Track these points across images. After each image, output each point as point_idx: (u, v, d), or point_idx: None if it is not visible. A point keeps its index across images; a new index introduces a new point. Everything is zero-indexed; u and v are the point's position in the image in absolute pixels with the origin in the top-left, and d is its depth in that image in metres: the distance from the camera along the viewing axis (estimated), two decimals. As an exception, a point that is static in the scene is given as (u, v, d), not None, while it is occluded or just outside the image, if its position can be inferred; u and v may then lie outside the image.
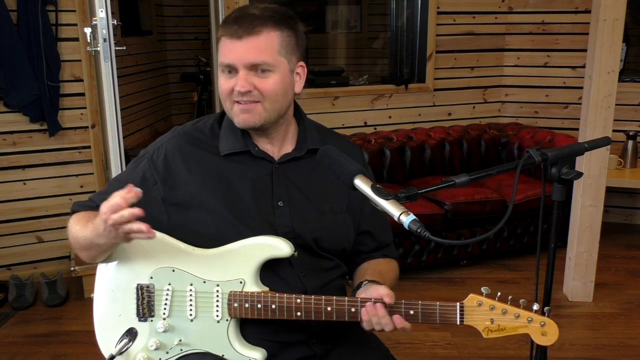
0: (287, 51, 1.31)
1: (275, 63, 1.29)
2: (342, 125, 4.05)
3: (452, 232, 3.46)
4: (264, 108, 1.31)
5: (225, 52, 1.28)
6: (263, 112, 1.31)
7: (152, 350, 1.36)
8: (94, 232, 1.24)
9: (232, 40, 1.26)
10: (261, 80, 1.28)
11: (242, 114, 1.31)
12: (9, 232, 3.31)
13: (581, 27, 4.00)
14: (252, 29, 1.25)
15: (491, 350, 2.68)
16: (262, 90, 1.29)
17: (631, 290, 3.29)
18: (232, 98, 1.31)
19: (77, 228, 1.33)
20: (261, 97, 1.29)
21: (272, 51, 1.28)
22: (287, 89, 1.33)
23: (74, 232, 1.33)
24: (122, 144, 3.16)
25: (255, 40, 1.26)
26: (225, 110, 1.36)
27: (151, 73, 6.67)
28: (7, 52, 3.03)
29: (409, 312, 1.25)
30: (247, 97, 1.29)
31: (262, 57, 1.27)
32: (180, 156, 1.38)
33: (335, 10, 6.17)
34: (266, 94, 1.29)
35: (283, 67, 1.31)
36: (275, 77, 1.29)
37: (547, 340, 1.20)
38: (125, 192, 1.15)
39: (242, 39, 1.25)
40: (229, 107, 1.33)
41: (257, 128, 1.34)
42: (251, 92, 1.28)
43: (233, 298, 1.32)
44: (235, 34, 1.26)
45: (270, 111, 1.32)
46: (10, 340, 2.82)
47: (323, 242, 1.40)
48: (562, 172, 1.17)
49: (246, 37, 1.25)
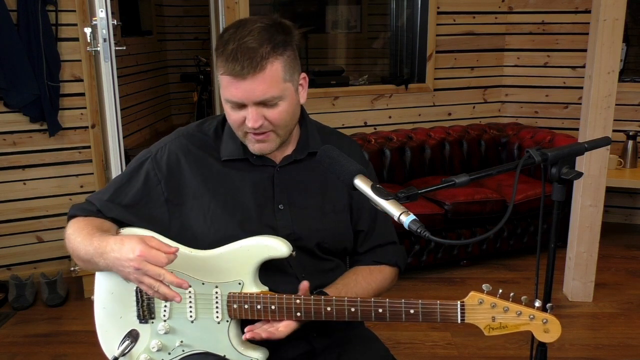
0: (291, 73, 1.28)
1: (282, 93, 1.26)
2: (342, 125, 4.04)
3: (452, 232, 3.46)
4: (277, 135, 1.31)
5: (230, 89, 1.24)
6: (277, 138, 1.31)
7: (155, 351, 1.36)
8: (98, 250, 1.24)
9: (237, 80, 1.22)
10: (271, 110, 1.26)
11: (258, 143, 1.31)
12: (9, 232, 3.31)
13: (581, 27, 4.00)
14: (256, 66, 1.20)
15: (491, 350, 2.68)
16: (273, 121, 1.27)
17: (631, 290, 3.29)
18: (245, 129, 1.30)
19: (78, 240, 1.31)
20: (273, 127, 1.29)
21: (279, 82, 1.24)
22: (295, 109, 1.33)
23: (75, 243, 1.32)
24: (122, 144, 3.16)
25: (260, 77, 1.21)
26: (237, 135, 1.35)
27: (151, 73, 6.68)
28: (7, 52, 3.03)
29: (409, 311, 1.25)
30: (260, 129, 1.28)
31: (270, 93, 1.23)
32: (184, 157, 1.38)
33: (335, 10, 6.17)
34: (277, 123, 1.28)
35: (290, 91, 1.28)
36: (284, 105, 1.27)
37: (549, 337, 1.19)
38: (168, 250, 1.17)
39: (246, 79, 1.21)
40: (241, 136, 1.32)
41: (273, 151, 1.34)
42: (262, 125, 1.27)
43: (232, 299, 1.32)
44: (239, 74, 1.20)
45: (283, 135, 1.32)
46: (10, 340, 2.82)
47: (325, 243, 1.40)
48: (562, 172, 1.17)
49: (251, 76, 1.21)
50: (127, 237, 1.21)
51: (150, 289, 1.18)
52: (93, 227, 1.31)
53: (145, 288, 1.18)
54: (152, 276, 1.16)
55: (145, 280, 1.17)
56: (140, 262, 1.15)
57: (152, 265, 1.15)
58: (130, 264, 1.16)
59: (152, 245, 1.18)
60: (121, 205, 1.38)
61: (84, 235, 1.29)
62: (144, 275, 1.16)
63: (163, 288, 1.16)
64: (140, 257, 1.15)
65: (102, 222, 1.36)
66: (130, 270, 1.17)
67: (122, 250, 1.19)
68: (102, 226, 1.34)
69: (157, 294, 1.18)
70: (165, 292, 1.17)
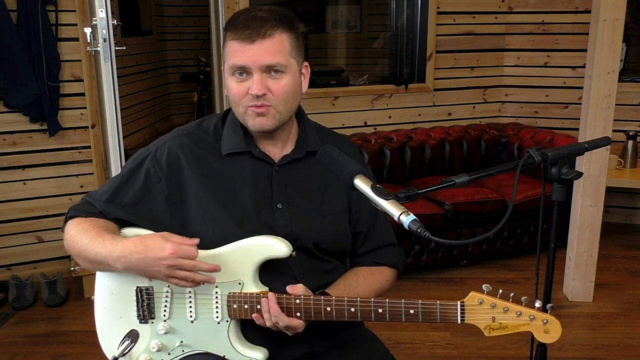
0: (296, 52, 1.32)
1: (287, 64, 1.29)
2: (342, 125, 4.04)
3: (452, 232, 3.46)
4: (277, 110, 1.31)
5: (237, 54, 1.27)
6: (277, 115, 1.31)
7: (154, 351, 1.36)
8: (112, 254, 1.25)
9: (245, 44, 1.26)
10: (275, 81, 1.29)
11: (258, 117, 1.31)
12: (9, 232, 3.31)
13: (581, 27, 4.00)
14: (265, 32, 1.26)
15: (491, 350, 2.68)
16: (276, 92, 1.29)
17: (631, 290, 3.29)
18: (246, 102, 1.30)
19: (85, 242, 1.30)
20: (274, 100, 1.30)
21: (285, 52, 1.29)
22: (297, 90, 1.34)
23: (82, 245, 1.30)
24: (122, 144, 3.16)
25: (268, 42, 1.26)
26: (237, 115, 1.35)
27: (151, 73, 6.67)
28: (7, 52, 3.03)
29: (409, 312, 1.25)
30: (262, 100, 1.29)
31: (277, 59, 1.27)
32: (183, 155, 1.38)
33: (335, 10, 6.17)
34: (279, 95, 1.30)
35: (294, 67, 1.32)
36: (288, 78, 1.30)
37: (549, 338, 1.19)
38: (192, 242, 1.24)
39: (255, 42, 1.26)
40: (242, 112, 1.32)
41: (272, 130, 1.34)
42: (265, 95, 1.28)
43: (232, 299, 1.32)
44: (248, 37, 1.25)
45: (283, 113, 1.32)
46: (10, 340, 2.82)
47: (323, 244, 1.40)
48: (562, 172, 1.17)
49: (259, 40, 1.26)
50: (147, 238, 1.25)
51: (184, 281, 1.23)
52: (100, 229, 1.31)
53: (177, 282, 1.24)
54: (187, 269, 1.22)
55: (179, 274, 1.22)
56: (174, 259, 1.20)
57: (186, 259, 1.22)
58: (163, 262, 1.21)
59: (175, 240, 1.23)
60: (122, 205, 1.37)
61: (92, 237, 1.29)
62: (178, 270, 1.22)
63: (198, 277, 1.24)
64: (173, 254, 1.20)
65: (106, 223, 1.36)
66: (161, 268, 1.22)
67: (147, 251, 1.22)
68: (108, 227, 1.34)
69: (191, 283, 1.24)
70: (201, 279, 1.24)
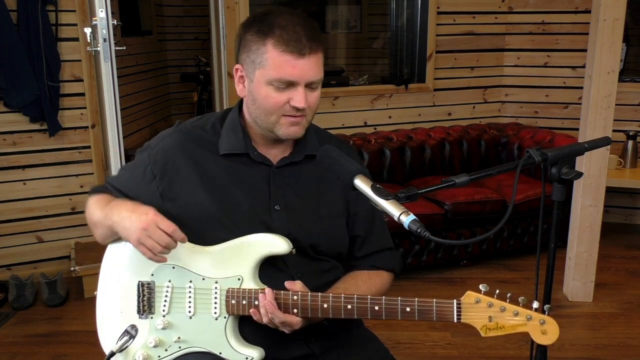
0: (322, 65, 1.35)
1: (322, 78, 1.33)
2: (342, 125, 4.05)
3: (452, 232, 3.46)
4: (307, 120, 1.35)
5: (286, 67, 1.26)
6: (306, 124, 1.36)
7: (152, 347, 1.36)
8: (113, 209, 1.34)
9: (295, 58, 1.26)
10: (311, 94, 1.31)
11: (293, 126, 1.32)
12: (9, 232, 3.31)
13: (581, 27, 4.00)
14: (316, 47, 1.28)
15: (491, 350, 2.68)
16: (311, 104, 1.32)
17: (631, 290, 3.29)
18: (283, 112, 1.31)
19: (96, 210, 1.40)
20: (307, 112, 1.33)
21: (322, 68, 1.32)
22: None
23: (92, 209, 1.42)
24: (122, 144, 3.16)
25: (316, 57, 1.29)
26: (266, 122, 1.33)
27: (151, 73, 6.67)
28: (7, 52, 3.03)
29: (405, 309, 1.25)
30: (301, 112, 1.31)
31: (320, 75, 1.31)
32: (179, 152, 1.38)
33: (335, 10, 6.17)
34: (313, 107, 1.34)
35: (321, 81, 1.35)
36: (319, 92, 1.34)
37: (547, 339, 1.18)
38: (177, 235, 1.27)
39: (304, 57, 1.26)
40: (274, 120, 1.32)
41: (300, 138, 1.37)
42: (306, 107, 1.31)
43: (231, 295, 1.32)
44: (300, 52, 1.25)
45: (309, 122, 1.37)
46: (10, 340, 2.82)
47: (320, 246, 1.40)
48: (562, 172, 1.17)
49: (308, 56, 1.27)
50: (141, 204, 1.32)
51: (149, 251, 1.26)
52: (111, 198, 1.41)
53: (144, 250, 1.26)
54: (156, 239, 1.25)
55: (148, 241, 1.25)
56: (150, 224, 1.24)
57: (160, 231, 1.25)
58: (140, 224, 1.25)
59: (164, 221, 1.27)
60: (128, 195, 1.42)
61: (104, 203, 1.39)
62: (148, 238, 1.25)
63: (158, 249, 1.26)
64: (153, 220, 1.25)
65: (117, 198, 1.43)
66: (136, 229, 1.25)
67: (134, 210, 1.29)
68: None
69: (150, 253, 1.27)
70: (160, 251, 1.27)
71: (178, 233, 1.26)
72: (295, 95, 1.28)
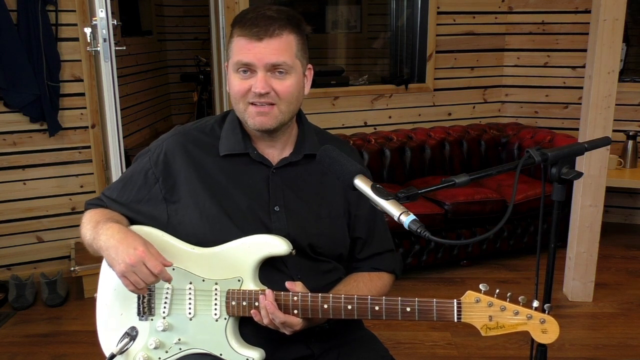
0: (302, 54, 1.33)
1: (293, 64, 1.30)
2: (342, 125, 4.04)
3: (452, 232, 3.46)
4: (279, 110, 1.31)
5: (243, 51, 1.27)
6: (279, 115, 1.31)
7: (152, 349, 1.36)
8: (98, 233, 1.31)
9: (252, 41, 1.26)
10: (279, 81, 1.29)
11: (258, 116, 1.30)
12: (9, 232, 3.31)
13: (581, 27, 4.00)
14: (273, 31, 1.26)
15: (491, 350, 2.68)
16: (279, 92, 1.29)
17: (631, 290, 3.29)
18: (248, 99, 1.30)
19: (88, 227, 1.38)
20: (277, 99, 1.30)
21: (291, 53, 1.29)
22: (300, 91, 1.35)
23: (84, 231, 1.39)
24: (122, 144, 3.15)
25: (276, 42, 1.27)
26: (238, 112, 1.35)
27: (151, 73, 6.67)
28: (7, 52, 3.03)
29: (405, 309, 1.25)
30: (264, 98, 1.28)
31: (282, 58, 1.27)
32: (179, 155, 1.38)
33: (335, 10, 6.17)
34: (283, 95, 1.30)
35: (298, 69, 1.32)
36: (292, 79, 1.30)
37: (547, 338, 1.19)
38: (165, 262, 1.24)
39: (262, 40, 1.26)
40: (242, 109, 1.32)
41: (272, 130, 1.33)
42: (269, 94, 1.28)
43: (231, 296, 1.32)
44: (256, 35, 1.26)
45: (285, 113, 1.32)
46: (10, 340, 2.82)
47: (319, 247, 1.40)
48: (562, 172, 1.17)
49: (267, 39, 1.26)
50: (131, 234, 1.27)
51: (131, 285, 1.23)
52: (103, 215, 1.38)
53: (126, 282, 1.24)
54: (141, 278, 1.22)
55: (132, 276, 1.22)
56: (137, 261, 1.21)
57: (146, 270, 1.22)
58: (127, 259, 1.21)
59: (153, 252, 1.24)
60: (125, 203, 1.41)
61: (95, 223, 1.36)
62: (133, 273, 1.22)
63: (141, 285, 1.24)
64: (141, 257, 1.21)
65: (112, 214, 1.41)
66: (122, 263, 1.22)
67: (123, 242, 1.24)
68: (112, 217, 1.38)
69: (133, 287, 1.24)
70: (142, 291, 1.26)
71: (164, 274, 1.23)
72: (255, 81, 1.28)
